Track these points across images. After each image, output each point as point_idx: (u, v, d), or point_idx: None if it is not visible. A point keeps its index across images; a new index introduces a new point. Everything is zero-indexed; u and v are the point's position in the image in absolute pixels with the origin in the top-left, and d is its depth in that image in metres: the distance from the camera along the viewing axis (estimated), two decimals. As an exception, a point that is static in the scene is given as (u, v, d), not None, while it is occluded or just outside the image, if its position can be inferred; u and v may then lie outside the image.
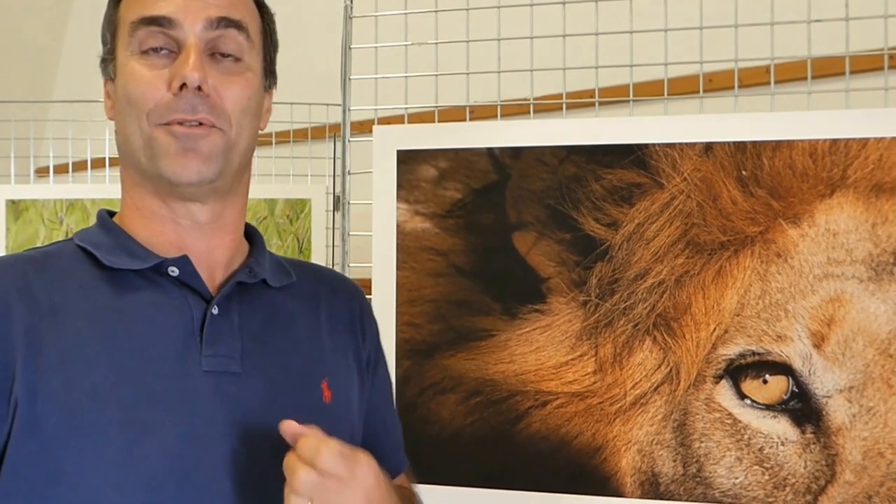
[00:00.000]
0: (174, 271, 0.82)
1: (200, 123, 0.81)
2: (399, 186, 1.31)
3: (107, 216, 0.89)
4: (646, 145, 1.21)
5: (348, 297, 0.98)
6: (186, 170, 0.81)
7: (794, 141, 1.16)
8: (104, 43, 0.88)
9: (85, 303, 0.80)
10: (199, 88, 0.80)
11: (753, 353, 1.17)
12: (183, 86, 0.80)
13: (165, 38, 0.82)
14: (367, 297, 1.34)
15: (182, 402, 0.79)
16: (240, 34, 0.84)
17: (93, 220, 0.90)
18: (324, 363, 0.91)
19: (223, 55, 0.84)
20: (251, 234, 0.93)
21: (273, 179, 2.26)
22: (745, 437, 1.17)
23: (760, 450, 1.16)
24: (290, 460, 0.76)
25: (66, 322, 0.78)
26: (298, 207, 2.16)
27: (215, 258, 0.86)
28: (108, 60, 0.87)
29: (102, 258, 0.82)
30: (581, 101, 1.52)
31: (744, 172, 1.18)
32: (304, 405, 0.87)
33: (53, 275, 0.81)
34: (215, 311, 0.83)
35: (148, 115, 0.81)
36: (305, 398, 0.88)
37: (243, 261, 0.89)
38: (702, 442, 1.18)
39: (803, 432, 1.15)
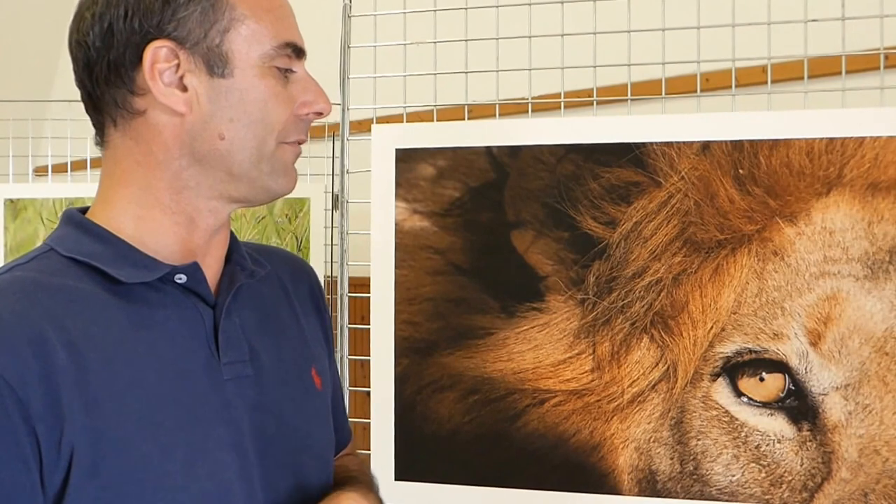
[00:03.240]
0: (181, 279, 0.80)
1: None
2: (398, 185, 1.31)
3: (86, 219, 0.82)
4: (643, 144, 1.22)
5: (305, 276, 0.99)
6: (294, 184, 0.86)
7: (790, 140, 1.17)
8: (187, 22, 0.78)
9: (109, 326, 0.76)
10: None
11: (750, 351, 1.17)
12: (318, 114, 0.85)
13: (290, 64, 0.84)
14: (366, 295, 1.35)
15: (219, 415, 0.79)
16: None
17: None
18: (308, 350, 0.93)
19: None
20: None
21: (272, 178, 2.26)
22: (742, 434, 1.17)
23: (757, 447, 1.17)
24: None
25: (99, 351, 0.74)
26: (297, 206, 2.16)
27: (212, 259, 0.85)
28: (214, 53, 0.79)
29: (111, 272, 0.77)
30: (579, 101, 1.53)
31: (741, 171, 1.18)
32: (306, 398, 0.89)
33: (67, 297, 0.75)
34: (223, 317, 0.82)
35: (277, 132, 0.82)
36: (305, 390, 0.89)
37: (227, 258, 0.88)
38: (699, 439, 1.19)
39: (800, 430, 1.16)
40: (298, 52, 0.84)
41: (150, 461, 0.74)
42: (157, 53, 0.78)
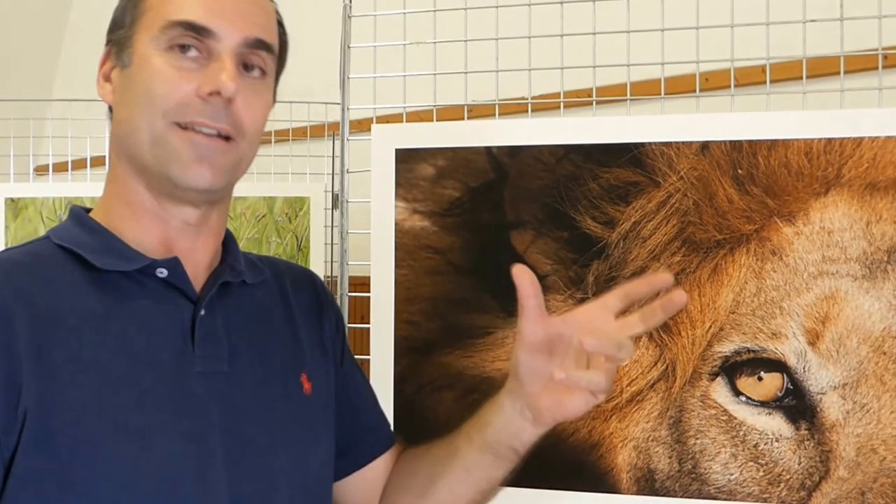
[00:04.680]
0: (162, 272, 0.82)
1: (219, 134, 0.81)
2: (397, 185, 1.31)
3: (84, 213, 0.86)
4: (642, 144, 1.22)
5: (309, 283, 1.00)
6: (200, 178, 0.81)
7: (789, 140, 1.17)
8: (118, 23, 0.84)
9: (81, 308, 0.79)
10: (229, 99, 0.80)
11: (749, 351, 1.18)
12: (215, 94, 0.80)
13: (198, 44, 0.81)
14: (366, 294, 1.36)
15: (182, 405, 0.80)
16: (269, 56, 0.85)
17: None
18: (302, 355, 0.93)
19: (249, 67, 0.83)
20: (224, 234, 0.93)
21: (272, 177, 2.27)
22: (740, 433, 1.18)
23: (755, 446, 1.17)
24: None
25: (65, 329, 0.77)
26: (297, 205, 2.17)
27: (199, 258, 0.86)
28: (123, 45, 0.83)
29: (91, 259, 0.80)
30: (578, 101, 1.53)
31: (739, 171, 1.19)
32: (287, 399, 0.89)
33: (44, 278, 0.79)
34: (203, 312, 0.83)
35: (165, 112, 0.80)
36: (288, 392, 0.90)
37: (220, 260, 0.89)
38: (697, 438, 1.19)
39: (798, 429, 1.16)
40: (193, 28, 0.80)
41: (102, 438, 0.76)
42: (106, 53, 0.85)
